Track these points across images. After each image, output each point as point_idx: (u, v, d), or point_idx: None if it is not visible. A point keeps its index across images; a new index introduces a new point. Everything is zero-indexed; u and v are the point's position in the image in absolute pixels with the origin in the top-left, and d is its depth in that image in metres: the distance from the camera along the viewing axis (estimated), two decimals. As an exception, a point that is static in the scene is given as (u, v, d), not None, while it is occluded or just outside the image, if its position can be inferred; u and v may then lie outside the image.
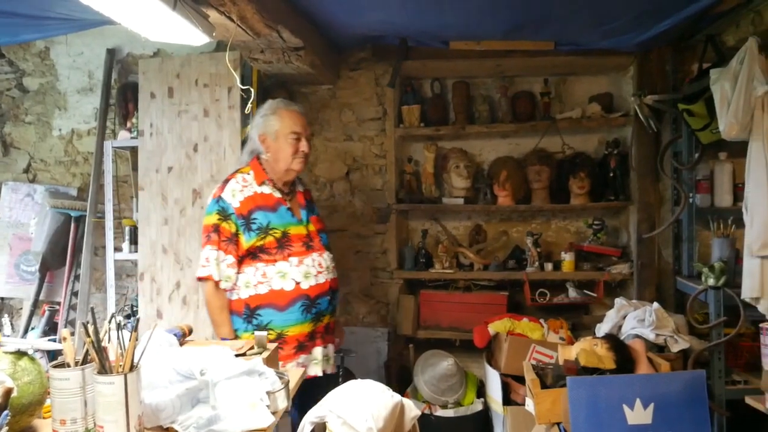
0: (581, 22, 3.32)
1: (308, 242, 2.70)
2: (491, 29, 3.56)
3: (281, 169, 2.72)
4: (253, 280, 2.63)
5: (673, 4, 3.03)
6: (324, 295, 2.71)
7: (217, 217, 2.62)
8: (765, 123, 2.86)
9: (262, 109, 2.78)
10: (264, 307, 2.62)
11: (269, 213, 2.66)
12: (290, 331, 2.63)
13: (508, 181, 3.98)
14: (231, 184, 2.67)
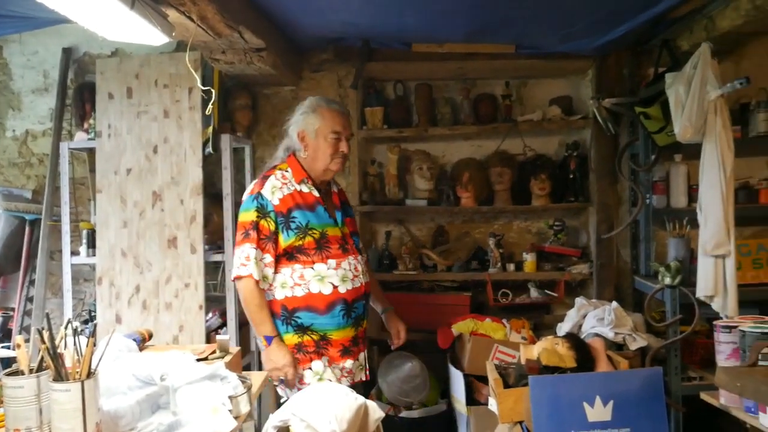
0: (541, 26, 3.37)
1: (344, 245, 2.62)
2: (453, 32, 3.59)
3: (319, 169, 2.64)
4: (290, 281, 2.55)
5: (629, 10, 3.10)
6: (360, 299, 2.64)
7: (255, 214, 2.52)
8: (718, 126, 2.94)
9: (303, 106, 2.69)
10: (302, 310, 2.55)
11: (308, 212, 2.57)
12: (334, 335, 2.57)
13: (470, 183, 4.01)
14: (271, 180, 2.57)
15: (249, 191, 2.58)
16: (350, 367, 2.61)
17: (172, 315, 3.65)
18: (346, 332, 2.58)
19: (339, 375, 2.59)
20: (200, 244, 3.65)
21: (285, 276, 2.54)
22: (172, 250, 3.67)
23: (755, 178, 3.84)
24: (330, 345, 2.56)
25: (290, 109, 4.15)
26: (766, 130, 3.59)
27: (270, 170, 2.63)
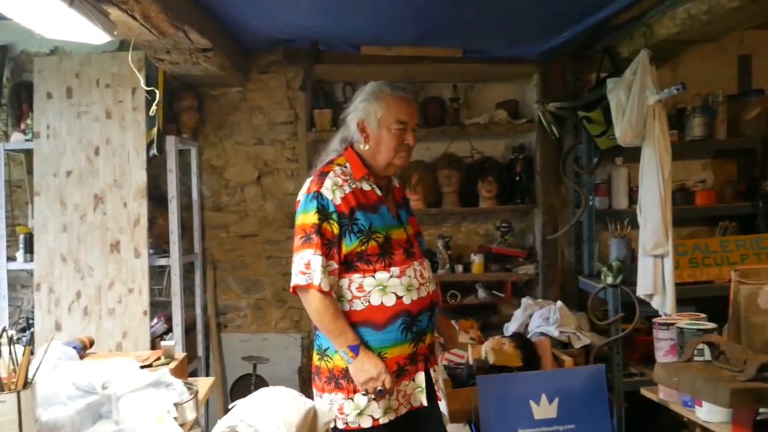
0: (487, 31, 3.43)
1: (409, 248, 2.26)
2: (401, 35, 3.61)
3: (381, 164, 2.27)
4: (348, 294, 2.18)
5: (571, 17, 3.18)
6: (426, 311, 2.25)
7: (317, 216, 2.15)
8: (656, 130, 3.05)
9: (363, 92, 2.30)
10: (359, 326, 2.17)
11: (371, 214, 2.21)
12: (389, 353, 2.17)
13: (419, 185, 4.04)
14: (330, 177, 2.19)
15: (305, 189, 2.23)
16: (404, 390, 2.21)
17: (115, 321, 3.55)
18: (404, 349, 2.19)
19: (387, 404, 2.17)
20: (144, 248, 3.57)
21: (342, 288, 2.19)
22: (114, 254, 3.57)
23: (691, 180, 3.99)
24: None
25: (239, 111, 4.20)
26: (701, 134, 3.73)
27: (327, 165, 2.26)
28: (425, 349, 2.26)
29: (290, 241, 4.12)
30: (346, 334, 2.13)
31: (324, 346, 2.21)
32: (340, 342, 2.13)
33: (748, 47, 4.01)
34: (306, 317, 4.11)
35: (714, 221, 3.92)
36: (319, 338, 2.24)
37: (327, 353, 2.20)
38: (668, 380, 1.43)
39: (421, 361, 2.24)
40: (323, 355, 2.22)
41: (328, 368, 2.19)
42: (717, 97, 3.78)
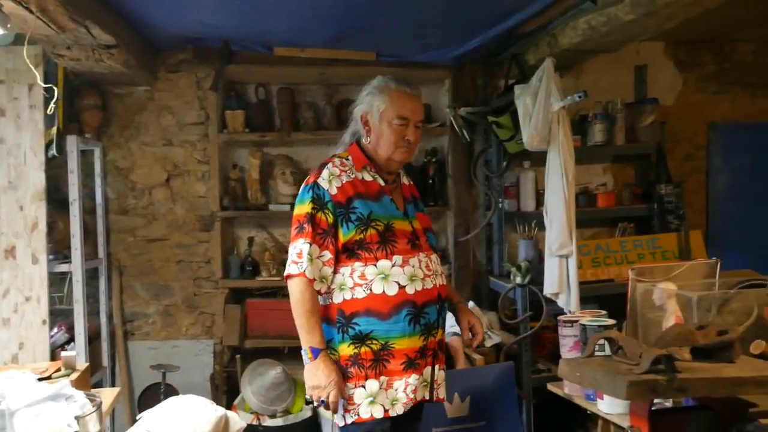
0: (400, 35, 3.47)
1: (414, 240, 2.21)
2: (315, 37, 3.59)
3: (381, 158, 2.25)
4: (350, 282, 2.14)
5: (481, 24, 3.27)
6: (432, 303, 2.19)
7: (311, 205, 2.14)
8: (560, 135, 3.18)
9: (369, 85, 2.30)
10: (362, 315, 2.12)
11: (371, 202, 2.19)
12: (397, 344, 2.12)
13: (333, 188, 4.03)
14: (328, 168, 2.20)
15: (305, 182, 2.23)
16: (414, 383, 2.13)
17: (10, 331, 3.33)
18: (413, 341, 2.14)
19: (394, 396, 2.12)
20: (43, 253, 3.37)
21: (344, 276, 2.15)
22: (10, 260, 3.36)
23: (593, 183, 4.19)
24: (392, 356, 2.12)
25: (146, 111, 4.05)
26: (602, 140, 3.92)
27: (329, 159, 2.27)
28: (435, 344, 2.21)
29: (202, 245, 4.08)
30: (313, 334, 2.08)
31: (327, 337, 2.14)
32: (305, 339, 2.09)
33: (643, 58, 4.25)
34: (217, 323, 4.02)
35: (614, 222, 4.12)
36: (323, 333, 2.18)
37: (331, 345, 2.14)
38: (571, 375, 1.49)
39: (430, 356, 2.19)
40: (327, 348, 2.13)
41: (334, 360, 2.11)
42: (616, 104, 3.98)
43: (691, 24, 3.05)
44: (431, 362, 2.19)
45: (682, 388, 1.35)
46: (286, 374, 3.67)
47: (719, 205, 4.45)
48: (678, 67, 4.41)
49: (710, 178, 4.47)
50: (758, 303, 1.97)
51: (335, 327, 2.14)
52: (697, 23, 3.15)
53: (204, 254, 4.08)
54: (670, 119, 4.31)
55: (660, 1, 2.53)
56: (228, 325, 3.95)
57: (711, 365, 1.45)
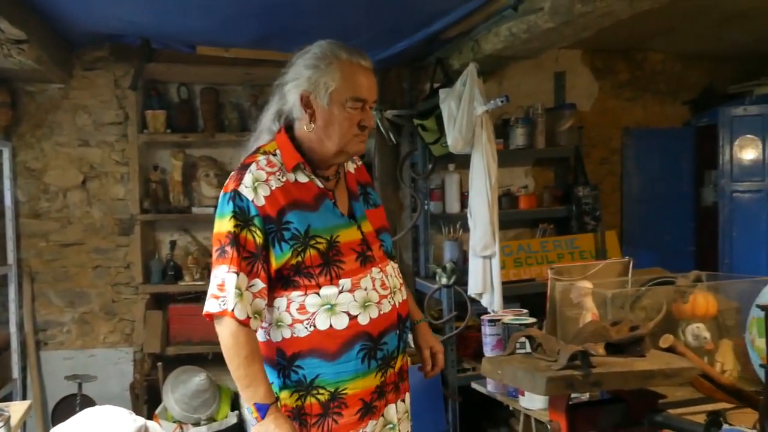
0: (326, 37, 3.45)
1: (364, 252, 1.75)
2: (240, 37, 3.53)
3: (329, 150, 1.74)
4: (287, 317, 1.68)
5: (406, 28, 3.30)
6: (391, 329, 1.76)
7: (233, 222, 1.65)
8: (483, 139, 3.25)
9: (310, 54, 1.75)
10: (306, 356, 1.68)
11: (309, 213, 1.71)
12: (350, 388, 1.69)
13: (259, 190, 3.97)
14: (251, 171, 1.69)
15: (223, 188, 1.73)
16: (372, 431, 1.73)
17: None
18: (367, 381, 1.71)
19: None
20: (-54, 260, 3.17)
21: (279, 311, 1.69)
22: None
23: (515, 185, 4.31)
24: (344, 406, 1.69)
25: (60, 110, 3.88)
26: (523, 144, 4.04)
27: (251, 156, 1.75)
28: (395, 376, 1.79)
29: (121, 249, 3.94)
30: (256, 387, 1.63)
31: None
32: (246, 395, 1.64)
33: (562, 65, 4.41)
34: (138, 330, 3.89)
35: (535, 224, 4.25)
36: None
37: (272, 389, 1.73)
38: (494, 373, 1.53)
39: (391, 391, 1.79)
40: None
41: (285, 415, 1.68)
42: (536, 109, 4.11)
43: (605, 33, 3.18)
44: (393, 399, 1.80)
45: (597, 382, 1.41)
46: (210, 381, 3.59)
47: (632, 207, 4.66)
48: (594, 74, 4.60)
49: (624, 181, 4.68)
50: (667, 300, 2.07)
51: (275, 369, 1.72)
52: (611, 33, 3.29)
53: (123, 259, 3.94)
54: (587, 124, 4.48)
55: (576, 11, 2.63)
56: (149, 332, 3.82)
57: (624, 359, 1.51)
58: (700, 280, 2.22)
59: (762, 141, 4.08)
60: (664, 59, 4.75)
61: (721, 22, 4.01)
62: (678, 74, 4.79)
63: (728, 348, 2.06)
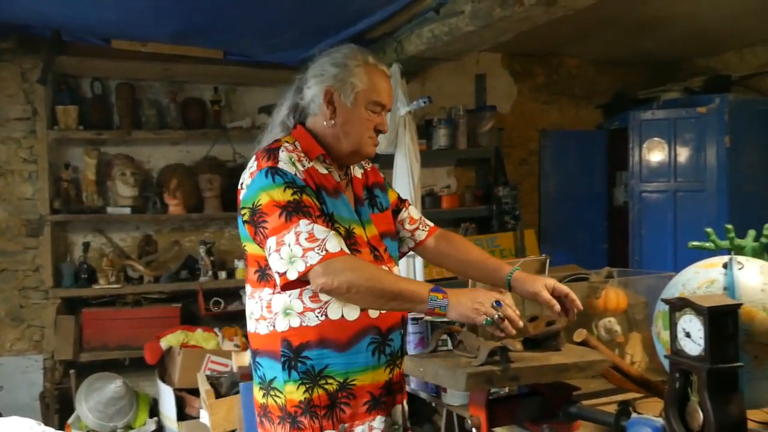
0: (247, 35, 3.41)
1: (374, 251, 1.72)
2: (157, 31, 3.43)
3: (344, 149, 1.73)
4: (298, 305, 1.61)
5: (330, 27, 3.29)
6: (397, 327, 1.73)
7: (289, 191, 1.57)
8: (407, 139, 3.29)
9: (339, 54, 1.72)
10: (314, 347, 1.62)
11: (333, 199, 1.68)
12: (359, 380, 1.64)
13: (178, 190, 3.88)
14: (283, 151, 1.64)
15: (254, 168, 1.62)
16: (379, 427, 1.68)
17: None
18: (377, 375, 1.68)
19: None
20: None
21: (291, 297, 1.61)
22: None
23: (438, 185, 4.37)
24: (353, 396, 1.65)
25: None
26: (446, 144, 4.11)
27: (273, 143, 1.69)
28: (400, 376, 1.77)
29: (29, 252, 3.75)
30: (417, 284, 1.61)
31: (268, 376, 1.65)
32: (418, 293, 1.53)
33: (483, 67, 4.51)
34: (48, 336, 3.70)
35: (457, 223, 4.33)
36: (261, 367, 1.66)
37: (274, 385, 1.63)
38: (416, 371, 1.54)
39: (398, 391, 1.75)
40: (269, 389, 1.64)
41: (279, 405, 1.63)
42: (458, 110, 4.19)
43: (524, 38, 3.28)
44: (399, 399, 1.76)
45: (515, 376, 1.45)
46: (127, 387, 3.47)
47: (550, 206, 4.83)
48: (513, 77, 4.73)
49: (542, 181, 4.84)
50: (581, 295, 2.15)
51: (279, 362, 1.63)
52: (529, 38, 3.39)
53: (32, 262, 3.75)
54: (507, 126, 4.61)
55: (495, 15, 2.70)
56: (60, 338, 3.64)
57: (540, 354, 1.56)
58: (611, 277, 2.32)
59: (668, 144, 4.30)
60: (579, 64, 4.94)
61: (632, 31, 4.21)
62: (591, 79, 4.99)
63: (637, 341, 2.16)
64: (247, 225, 1.60)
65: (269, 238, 1.53)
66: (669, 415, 1.29)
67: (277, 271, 1.53)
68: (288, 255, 1.51)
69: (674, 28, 4.16)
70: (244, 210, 1.60)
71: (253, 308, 1.65)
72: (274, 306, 1.61)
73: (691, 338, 1.24)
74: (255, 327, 1.65)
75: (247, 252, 1.66)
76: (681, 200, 4.26)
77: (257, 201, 1.57)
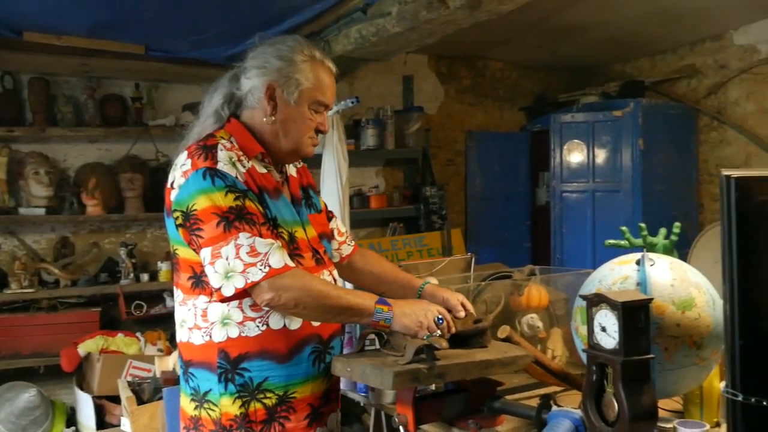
0: (170, 30, 3.31)
1: (316, 252, 1.65)
2: (74, 24, 3.28)
3: (283, 148, 1.61)
4: (237, 314, 1.50)
5: (255, 25, 3.23)
6: (337, 334, 1.66)
7: (231, 196, 1.46)
8: (334, 139, 3.28)
9: (285, 46, 1.60)
10: (254, 358, 1.51)
11: (275, 201, 1.58)
12: (299, 392, 1.56)
13: (97, 189, 3.74)
14: (221, 149, 1.50)
15: (189, 168, 1.48)
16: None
17: None
18: (318, 385, 1.60)
19: None
20: None
21: (230, 306, 1.50)
22: None
23: (366, 185, 4.39)
24: (293, 410, 1.55)
25: None
26: (374, 144, 4.13)
27: (207, 138, 1.54)
28: (337, 383, 1.71)
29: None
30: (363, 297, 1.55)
31: (203, 387, 1.54)
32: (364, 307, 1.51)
33: (410, 69, 4.56)
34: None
35: (385, 222, 4.37)
36: (194, 378, 1.56)
37: (209, 397, 1.53)
38: (344, 371, 1.54)
39: (334, 400, 1.69)
40: (203, 401, 1.54)
41: (213, 418, 1.53)
42: (386, 111, 4.22)
43: (450, 40, 3.34)
44: (334, 407, 1.70)
45: (441, 374, 1.47)
46: (42, 396, 3.32)
47: (476, 206, 4.94)
48: (440, 78, 4.81)
49: (468, 181, 4.94)
50: (505, 293, 2.21)
51: (215, 374, 1.52)
52: (455, 40, 3.46)
53: (-67, 266, 3.53)
54: (434, 127, 4.68)
55: (421, 18, 2.74)
56: (-32, 347, 3.44)
57: (465, 351, 1.59)
58: (533, 274, 2.39)
59: (587, 146, 4.48)
60: (503, 67, 5.07)
61: (552, 37, 4.36)
62: (515, 82, 5.14)
63: (558, 336, 2.24)
64: (180, 229, 1.50)
65: (204, 248, 1.45)
66: (586, 406, 1.34)
67: (212, 285, 1.46)
68: (224, 269, 1.43)
69: (591, 34, 4.33)
70: (176, 213, 1.50)
71: (185, 316, 1.56)
72: (211, 315, 1.51)
73: (606, 332, 1.30)
74: (188, 336, 1.55)
75: (179, 256, 1.56)
76: (599, 200, 4.44)
77: (192, 204, 1.46)
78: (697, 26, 4.24)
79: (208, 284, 1.49)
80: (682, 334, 1.37)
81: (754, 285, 1.04)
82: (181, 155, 1.53)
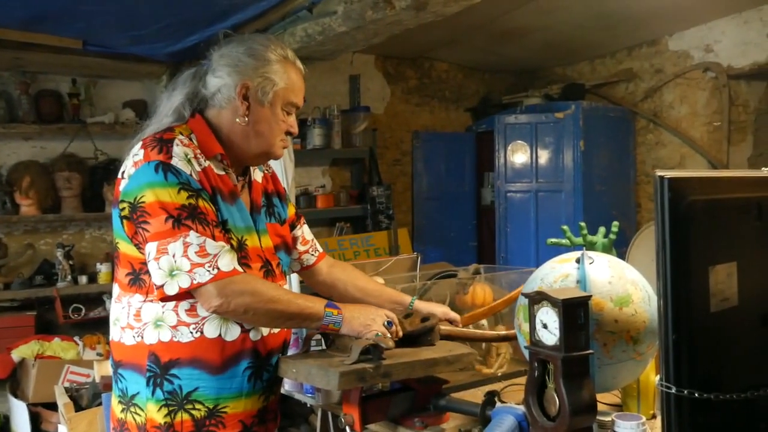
0: (109, 24, 3.22)
1: (267, 263, 1.58)
2: (6, 16, 3.15)
3: (252, 149, 1.56)
4: (171, 317, 1.44)
5: (199, 22, 3.18)
6: (278, 350, 1.59)
7: (185, 193, 1.40)
8: (280, 138, 3.25)
9: (257, 45, 1.55)
10: (185, 365, 1.44)
11: (228, 205, 1.51)
12: (230, 407, 1.48)
13: (32, 189, 3.61)
14: (178, 144, 1.44)
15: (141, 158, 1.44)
16: None
17: None
18: (252, 402, 1.52)
19: None
20: None
21: (165, 307, 1.44)
22: None
23: (313, 185, 4.36)
24: (222, 425, 1.48)
25: None
26: (320, 144, 4.11)
27: (165, 132, 1.49)
28: (276, 403, 1.63)
29: None
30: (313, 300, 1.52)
31: (130, 390, 1.48)
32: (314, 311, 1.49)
33: (357, 68, 4.56)
34: None
35: (332, 222, 4.35)
36: (122, 379, 1.50)
37: (136, 401, 1.47)
38: (289, 372, 1.52)
39: (271, 420, 1.61)
40: (129, 404, 1.48)
41: (138, 423, 1.46)
42: (333, 111, 4.20)
43: (396, 41, 3.36)
44: (272, 428, 1.64)
45: (387, 373, 1.47)
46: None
47: (422, 205, 4.97)
48: (386, 78, 4.82)
49: (415, 181, 4.97)
50: (450, 291, 2.24)
51: (144, 377, 1.46)
52: (401, 40, 3.48)
53: None
54: (381, 126, 4.69)
55: (367, 17, 2.74)
56: None
57: (413, 350, 1.59)
58: (478, 273, 2.42)
59: (530, 146, 4.57)
60: (449, 68, 5.12)
61: (497, 39, 4.43)
62: (460, 83, 5.20)
63: (502, 333, 2.28)
64: (125, 221, 1.44)
65: (149, 243, 1.39)
66: (529, 402, 1.37)
67: (154, 282, 1.40)
68: (169, 267, 1.38)
69: (534, 37, 4.43)
70: (123, 204, 1.44)
71: (119, 314, 1.50)
72: (144, 315, 1.45)
73: (548, 329, 1.33)
74: (120, 336, 1.49)
75: (120, 250, 1.49)
76: (542, 200, 4.54)
77: (140, 197, 1.41)
78: (634, 32, 4.38)
79: (145, 283, 1.44)
80: (619, 329, 1.41)
81: (686, 281, 1.08)
82: (135, 146, 1.48)
